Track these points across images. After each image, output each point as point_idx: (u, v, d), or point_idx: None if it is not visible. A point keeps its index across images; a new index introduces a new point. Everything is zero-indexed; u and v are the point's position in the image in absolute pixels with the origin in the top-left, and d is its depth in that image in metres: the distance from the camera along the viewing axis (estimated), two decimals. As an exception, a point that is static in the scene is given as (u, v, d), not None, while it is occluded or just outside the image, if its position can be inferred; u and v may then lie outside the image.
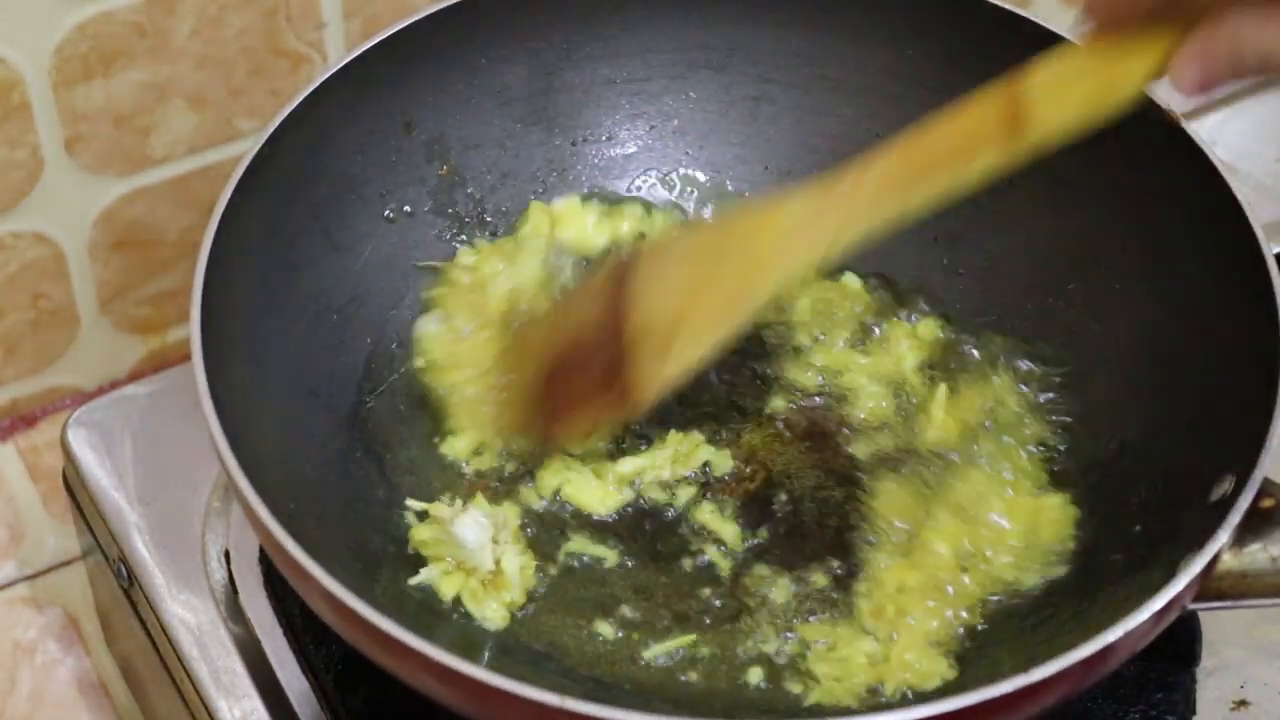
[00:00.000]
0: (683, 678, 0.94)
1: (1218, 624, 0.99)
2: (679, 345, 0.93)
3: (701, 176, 1.12)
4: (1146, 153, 1.00)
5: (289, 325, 1.00)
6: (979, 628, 0.95)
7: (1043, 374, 1.04)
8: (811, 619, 0.96)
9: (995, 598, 0.96)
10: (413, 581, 0.95)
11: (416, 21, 1.04)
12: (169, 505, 1.04)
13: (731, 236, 0.94)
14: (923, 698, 0.92)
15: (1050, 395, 1.04)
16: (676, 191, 1.11)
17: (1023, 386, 1.04)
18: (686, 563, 0.98)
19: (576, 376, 0.96)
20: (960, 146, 0.88)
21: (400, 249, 1.06)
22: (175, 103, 1.14)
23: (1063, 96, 0.86)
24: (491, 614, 0.95)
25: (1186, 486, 0.92)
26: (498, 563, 0.96)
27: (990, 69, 1.05)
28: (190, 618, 1.00)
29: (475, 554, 0.95)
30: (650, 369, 0.93)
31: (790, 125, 1.11)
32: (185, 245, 1.20)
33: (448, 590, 0.95)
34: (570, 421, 0.98)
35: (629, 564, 0.98)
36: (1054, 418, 1.03)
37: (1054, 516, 0.98)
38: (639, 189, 1.11)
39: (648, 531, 0.99)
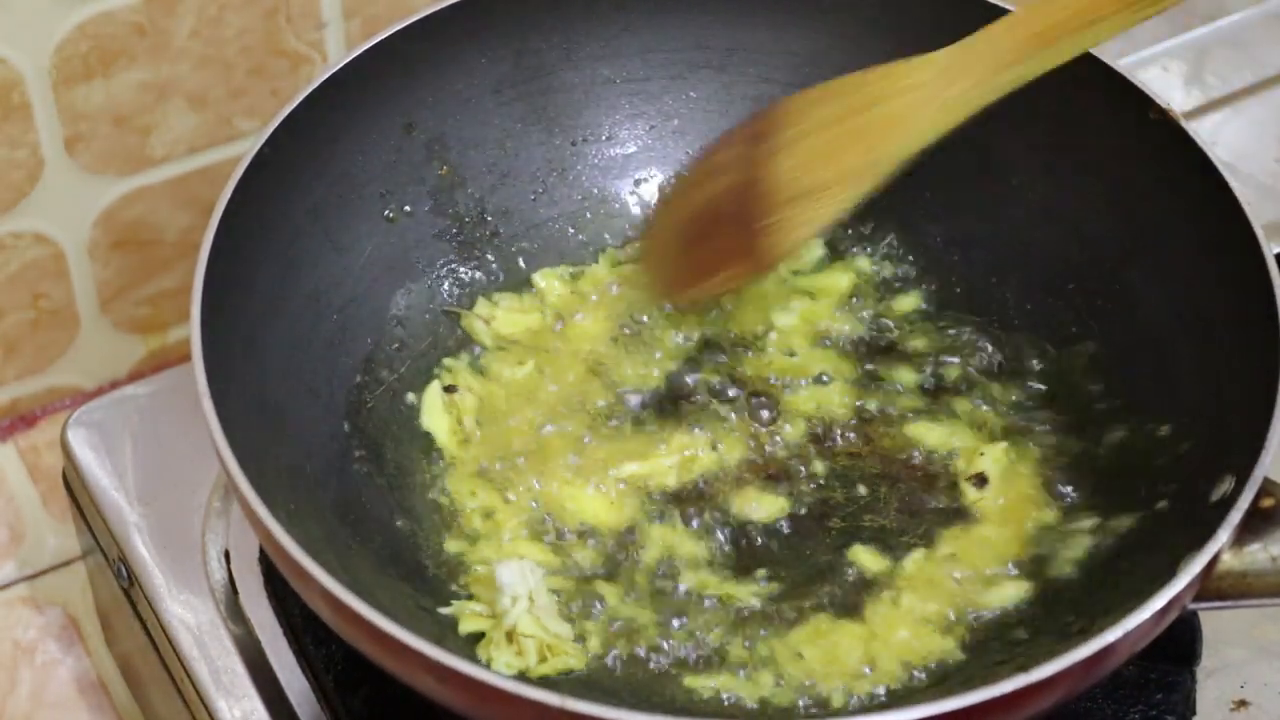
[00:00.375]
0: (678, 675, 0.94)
1: (1218, 624, 0.99)
2: (820, 201, 0.94)
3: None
4: (1146, 153, 1.01)
5: (289, 325, 1.00)
6: (976, 629, 0.95)
7: (1042, 373, 1.04)
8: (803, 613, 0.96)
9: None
10: (442, 611, 0.95)
11: (416, 21, 1.04)
12: (169, 505, 1.04)
13: (870, 94, 0.95)
14: (914, 692, 0.92)
15: (1049, 395, 1.04)
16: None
17: (1022, 386, 1.04)
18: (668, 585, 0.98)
19: (716, 233, 0.97)
20: (1095, 7, 0.89)
21: (400, 249, 1.06)
22: (175, 103, 1.15)
23: None
24: (503, 666, 0.93)
25: (1186, 486, 0.92)
26: (514, 626, 0.94)
27: (990, 69, 1.06)
28: (190, 618, 1.00)
29: (505, 601, 0.94)
30: (791, 224, 0.94)
31: (790, 125, 1.11)
32: (185, 245, 1.20)
33: (468, 627, 0.94)
34: (710, 278, 1.00)
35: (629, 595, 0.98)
36: (1052, 417, 1.03)
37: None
38: (639, 190, 1.12)
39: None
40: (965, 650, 0.94)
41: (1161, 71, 1.29)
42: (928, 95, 0.93)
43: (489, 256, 1.09)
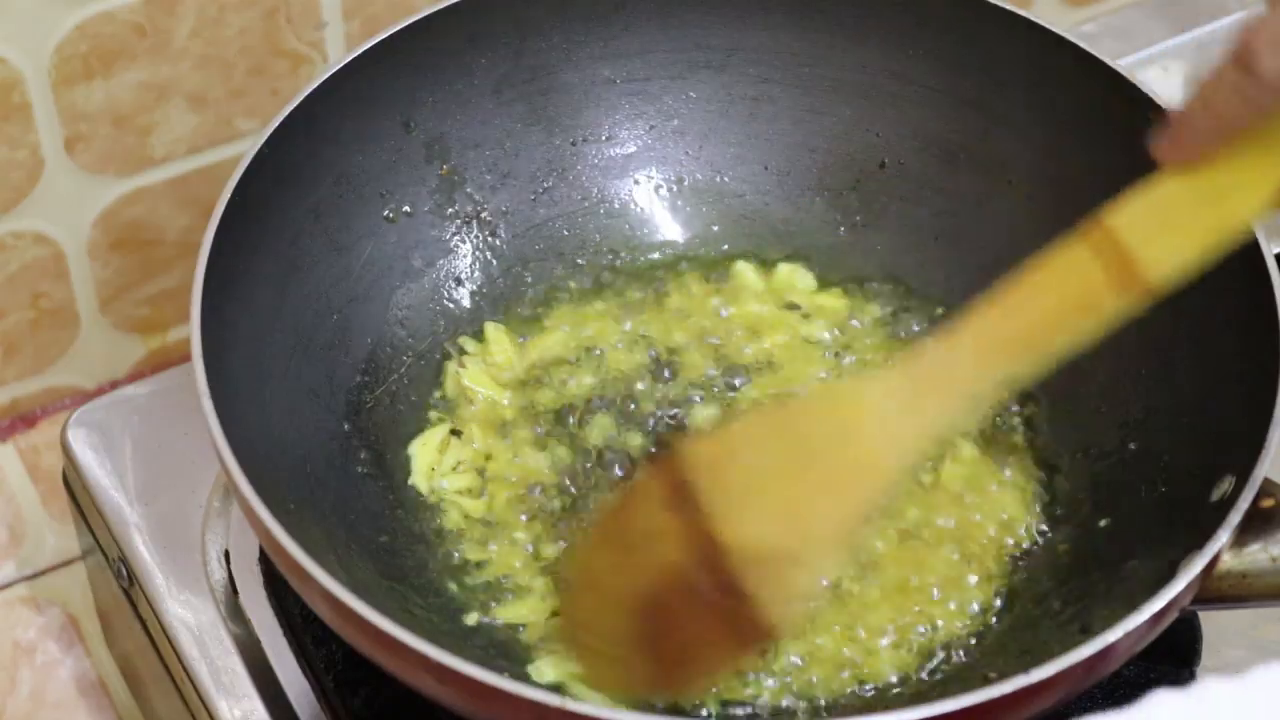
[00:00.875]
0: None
1: (1218, 624, 0.99)
2: (807, 568, 0.80)
3: (701, 176, 1.12)
4: (1147, 153, 1.00)
5: (289, 325, 1.00)
6: (978, 630, 0.95)
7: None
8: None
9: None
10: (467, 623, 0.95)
11: (416, 21, 1.04)
12: (169, 505, 1.04)
13: (819, 433, 0.81)
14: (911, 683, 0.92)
15: (1048, 395, 1.04)
16: (676, 193, 1.12)
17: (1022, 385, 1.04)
18: None
19: (684, 621, 0.82)
20: (1067, 307, 0.78)
21: (400, 249, 1.06)
22: (175, 103, 1.14)
23: (1169, 237, 0.77)
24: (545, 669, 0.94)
25: (1186, 487, 0.92)
26: None
27: (990, 69, 1.06)
28: (190, 618, 1.00)
29: None
30: (778, 593, 0.80)
31: (790, 125, 1.11)
32: (185, 245, 1.20)
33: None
34: (698, 670, 0.85)
35: None
36: (1052, 418, 1.03)
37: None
38: (638, 190, 1.12)
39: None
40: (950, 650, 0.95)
41: (1161, 72, 1.29)
42: (889, 428, 0.79)
43: (489, 257, 1.09)
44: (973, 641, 0.95)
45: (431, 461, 1.01)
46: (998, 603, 0.97)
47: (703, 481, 0.81)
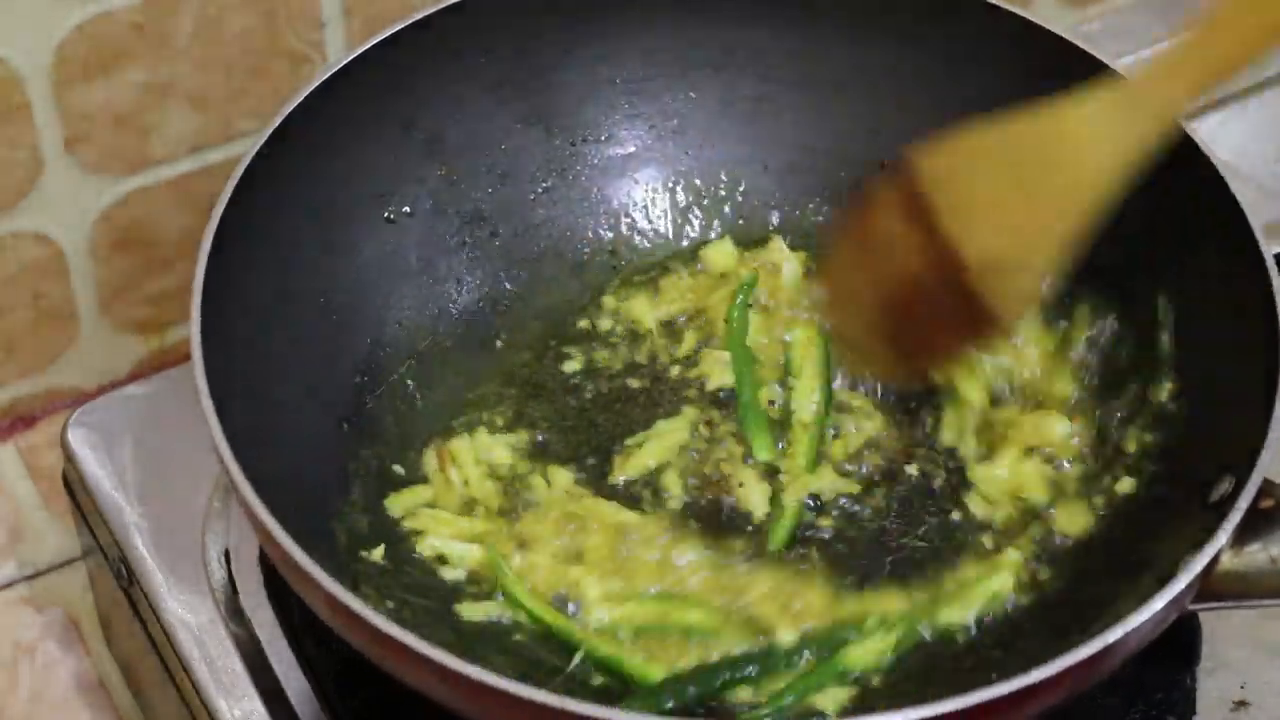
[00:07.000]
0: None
1: (1218, 624, 0.99)
2: (1030, 265, 0.89)
3: (701, 176, 1.12)
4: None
5: (289, 325, 1.00)
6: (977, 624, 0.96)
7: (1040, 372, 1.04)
8: None
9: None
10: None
11: (416, 21, 1.04)
12: (169, 505, 1.04)
13: (1035, 145, 0.89)
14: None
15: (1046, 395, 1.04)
16: (675, 193, 1.12)
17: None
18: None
19: (926, 313, 0.92)
20: (1265, 29, 0.84)
21: (400, 249, 1.06)
22: (175, 103, 1.14)
23: None
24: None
25: (1186, 486, 0.92)
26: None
27: (990, 69, 1.06)
28: (190, 618, 1.01)
29: None
30: (1008, 295, 0.90)
31: (790, 125, 1.11)
32: (185, 245, 1.20)
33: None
34: (938, 354, 0.97)
35: None
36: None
37: None
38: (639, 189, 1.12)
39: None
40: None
41: (1162, 71, 1.29)
42: (1101, 141, 0.88)
43: (488, 257, 1.09)
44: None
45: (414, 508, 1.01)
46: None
47: (936, 193, 0.89)
